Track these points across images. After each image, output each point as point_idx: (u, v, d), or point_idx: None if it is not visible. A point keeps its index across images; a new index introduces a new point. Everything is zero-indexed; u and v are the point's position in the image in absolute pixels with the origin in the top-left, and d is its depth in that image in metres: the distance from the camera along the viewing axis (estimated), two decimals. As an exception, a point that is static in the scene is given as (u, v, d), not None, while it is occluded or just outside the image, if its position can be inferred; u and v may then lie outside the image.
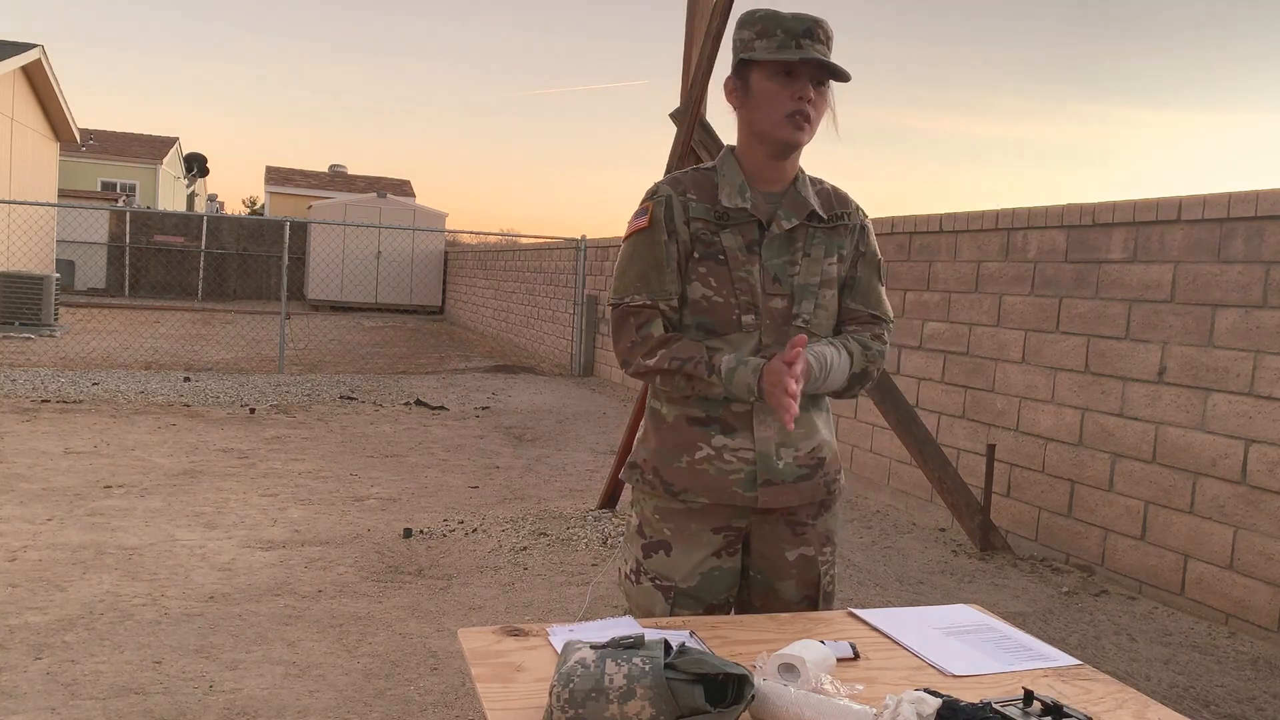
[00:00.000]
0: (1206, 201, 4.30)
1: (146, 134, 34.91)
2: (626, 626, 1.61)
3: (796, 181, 1.90)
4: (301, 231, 22.42)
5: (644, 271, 1.84)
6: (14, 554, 4.13)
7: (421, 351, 14.38)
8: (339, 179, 33.76)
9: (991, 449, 5.10)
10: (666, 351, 1.80)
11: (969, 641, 1.67)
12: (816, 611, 1.91)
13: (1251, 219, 4.10)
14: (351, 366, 11.76)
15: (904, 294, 6.32)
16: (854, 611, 1.80)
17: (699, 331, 1.84)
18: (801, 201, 1.88)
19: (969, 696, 1.32)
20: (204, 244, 23.87)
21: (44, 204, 13.66)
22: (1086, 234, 4.93)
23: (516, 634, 1.58)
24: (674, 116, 4.96)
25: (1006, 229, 5.47)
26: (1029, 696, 1.30)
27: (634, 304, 1.83)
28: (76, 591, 3.74)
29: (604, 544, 4.72)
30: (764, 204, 1.87)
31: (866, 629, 1.71)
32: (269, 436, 7.11)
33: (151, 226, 23.55)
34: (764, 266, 1.84)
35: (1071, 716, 1.27)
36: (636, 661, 1.21)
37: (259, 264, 24.20)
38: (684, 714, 1.18)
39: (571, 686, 1.20)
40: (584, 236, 12.52)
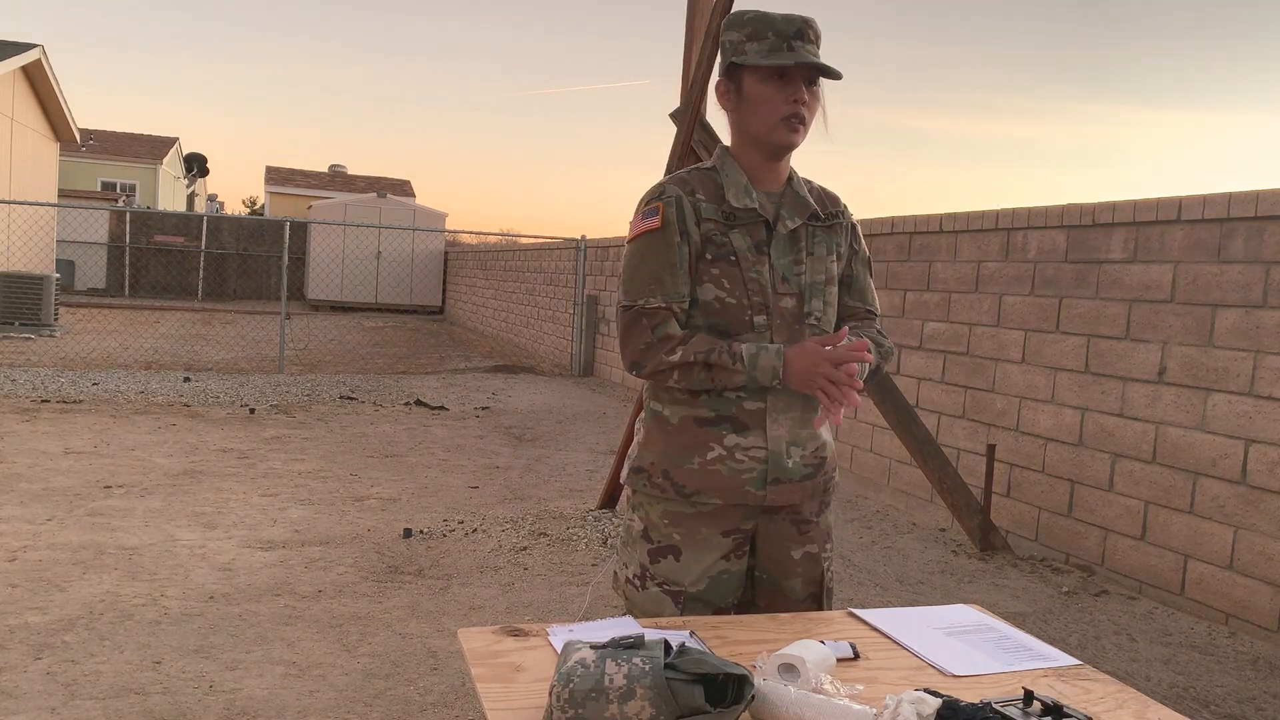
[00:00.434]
0: (1206, 201, 4.30)
1: (146, 134, 34.93)
2: (626, 626, 1.61)
3: (792, 181, 1.92)
4: (301, 231, 22.42)
5: (657, 273, 1.82)
6: (14, 554, 4.13)
7: (421, 351, 14.38)
8: (339, 179, 33.76)
9: (991, 449, 5.10)
10: (687, 348, 1.79)
11: (969, 641, 1.67)
12: (817, 611, 1.91)
13: (1251, 219, 4.10)
14: (351, 366, 11.76)
15: (904, 294, 6.32)
16: (854, 611, 1.80)
17: (712, 333, 1.84)
18: (801, 201, 1.90)
19: (969, 696, 1.32)
20: (204, 244, 23.87)
21: (44, 204, 13.67)
22: (1086, 234, 4.93)
23: (516, 634, 1.58)
24: (674, 116, 4.96)
25: (1006, 229, 5.47)
26: (1029, 696, 1.30)
27: (649, 306, 1.82)
28: (76, 591, 3.74)
29: (604, 544, 4.72)
30: (768, 204, 1.88)
31: (866, 629, 1.71)
32: (269, 436, 7.11)
33: (151, 226, 23.55)
34: (773, 266, 1.85)
35: (1071, 716, 1.27)
36: (636, 661, 1.21)
37: (259, 264, 24.20)
38: (684, 714, 1.18)
39: (571, 686, 1.20)
40: (584, 236, 12.52)
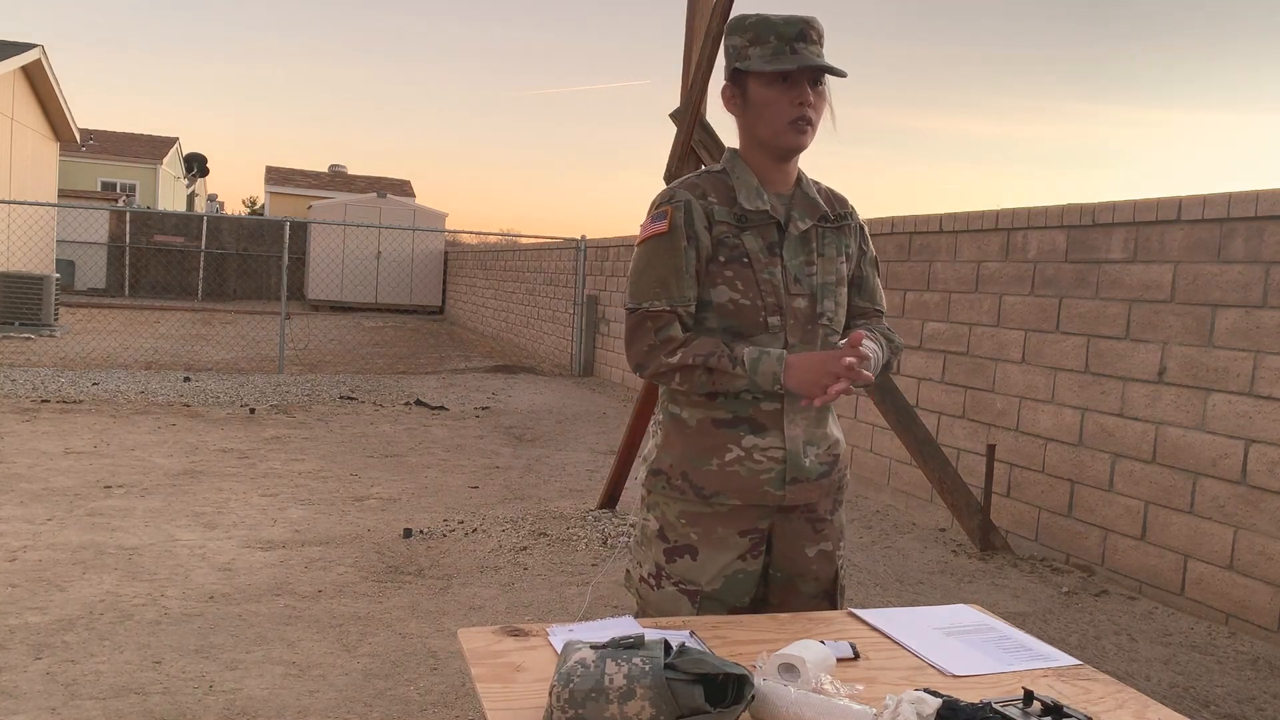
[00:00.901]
0: (1206, 201, 4.30)
1: (146, 134, 34.92)
2: (626, 626, 1.61)
3: (801, 183, 1.93)
4: (301, 231, 22.42)
5: (663, 277, 1.83)
6: (14, 554, 4.13)
7: (421, 351, 14.38)
8: (339, 179, 33.76)
9: (991, 449, 5.10)
10: (688, 349, 1.80)
11: (969, 641, 1.67)
12: (817, 611, 1.91)
13: (1251, 219, 4.10)
14: (351, 366, 11.76)
15: (904, 294, 6.32)
16: (854, 611, 1.80)
17: (725, 334, 1.85)
18: (811, 202, 1.92)
19: (969, 696, 1.32)
20: (204, 244, 23.87)
21: (44, 204, 13.67)
22: (1086, 234, 4.93)
23: (516, 634, 1.58)
24: (674, 116, 4.96)
25: (1006, 229, 5.47)
26: (1029, 696, 1.30)
27: (653, 309, 1.83)
28: (76, 591, 3.74)
29: (604, 544, 4.72)
30: (778, 205, 1.89)
31: (866, 629, 1.71)
32: (269, 436, 7.11)
33: (151, 226, 23.56)
34: (785, 267, 1.86)
35: (1071, 716, 1.27)
36: (636, 661, 1.21)
37: (259, 264, 24.20)
38: (684, 714, 1.18)
39: (571, 686, 1.20)
40: (584, 237, 12.52)
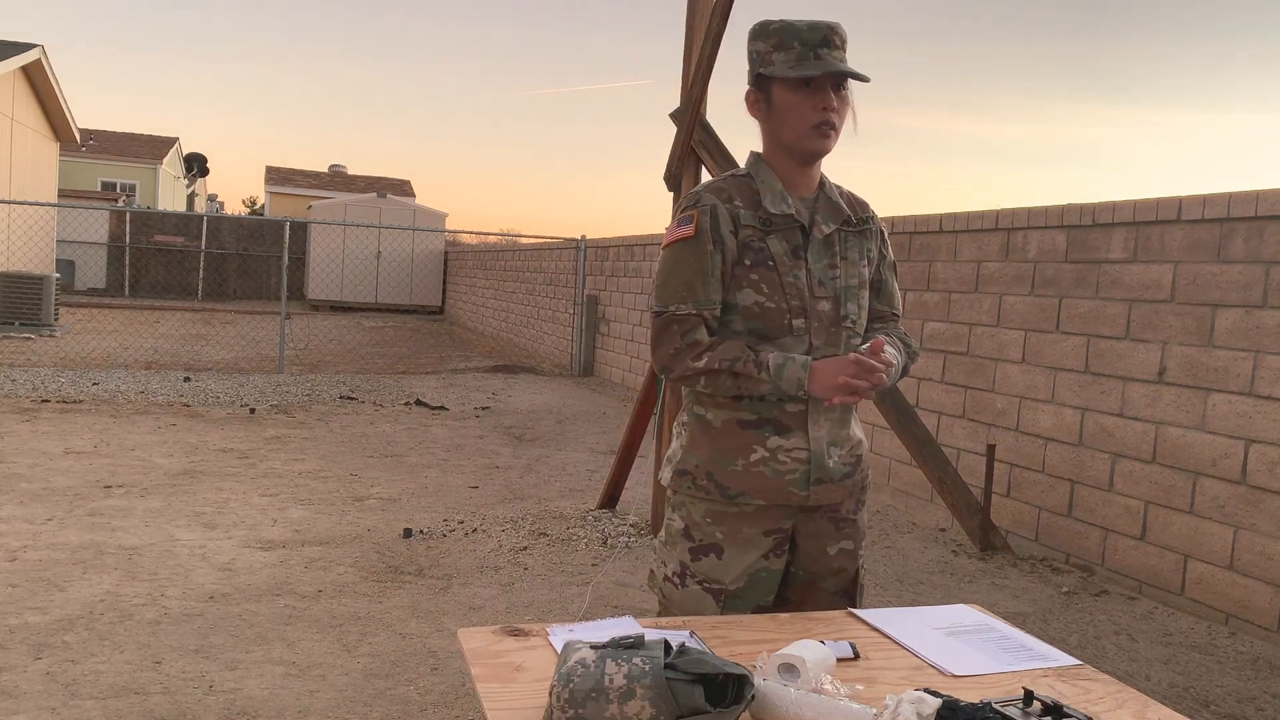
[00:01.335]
0: (1206, 201, 4.30)
1: (146, 134, 34.92)
2: (626, 626, 1.61)
3: (824, 186, 1.95)
4: (301, 231, 22.42)
5: (689, 281, 1.85)
6: (14, 554, 4.13)
7: (421, 351, 14.38)
8: (339, 179, 33.76)
9: (991, 449, 5.10)
10: (714, 354, 1.83)
11: (969, 641, 1.67)
12: (819, 611, 1.91)
13: (1251, 219, 4.10)
14: (351, 366, 11.76)
15: (904, 294, 6.32)
16: (854, 611, 1.80)
17: (751, 337, 1.87)
18: (835, 206, 1.94)
19: (969, 696, 1.32)
20: (204, 244, 23.87)
21: (44, 204, 13.67)
22: (1086, 234, 4.93)
23: (516, 634, 1.58)
24: (674, 116, 4.96)
25: (1006, 229, 5.47)
26: (1029, 696, 1.30)
27: (679, 313, 1.85)
28: (76, 591, 3.74)
29: (604, 544, 4.72)
30: (802, 209, 1.91)
31: (866, 629, 1.71)
32: (269, 436, 7.12)
33: (151, 226, 23.56)
34: (810, 270, 1.88)
35: (1071, 716, 1.27)
36: (636, 661, 1.21)
37: (259, 264, 24.20)
38: (684, 714, 1.18)
39: (571, 686, 1.20)
40: (584, 236, 12.52)
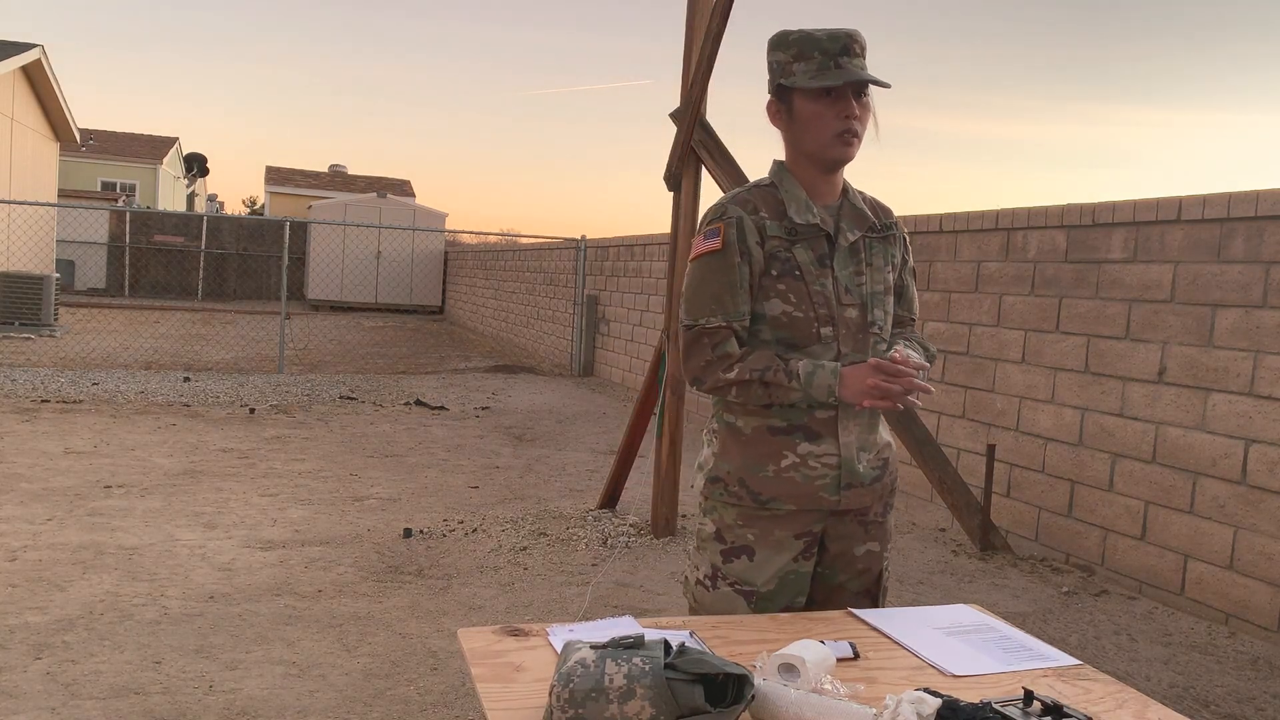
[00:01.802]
0: (1206, 201, 4.30)
1: (146, 134, 34.94)
2: (626, 626, 1.61)
3: (848, 194, 1.96)
4: (301, 231, 22.42)
5: (717, 293, 1.88)
6: (14, 554, 4.13)
7: (421, 351, 14.38)
8: (339, 179, 33.76)
9: (991, 449, 5.10)
10: (744, 364, 1.85)
11: (969, 641, 1.67)
12: (818, 611, 1.91)
13: (1251, 219, 4.10)
14: (351, 366, 11.76)
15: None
16: (854, 611, 1.80)
17: (779, 346, 1.89)
18: (859, 213, 1.95)
19: (969, 696, 1.32)
20: (204, 244, 23.87)
21: (44, 204, 13.67)
22: (1086, 234, 4.93)
23: (516, 634, 1.58)
24: (674, 116, 4.96)
25: (1006, 229, 5.47)
26: (1029, 696, 1.30)
27: (709, 326, 1.88)
28: (76, 591, 3.74)
29: (604, 544, 4.72)
30: (828, 217, 1.92)
31: (866, 629, 1.71)
32: (269, 436, 7.12)
33: (151, 226, 23.56)
34: (836, 278, 1.89)
35: (1071, 716, 1.27)
36: (636, 661, 1.21)
37: (259, 264, 24.20)
38: (684, 714, 1.18)
39: (571, 686, 1.20)
40: (584, 236, 12.52)
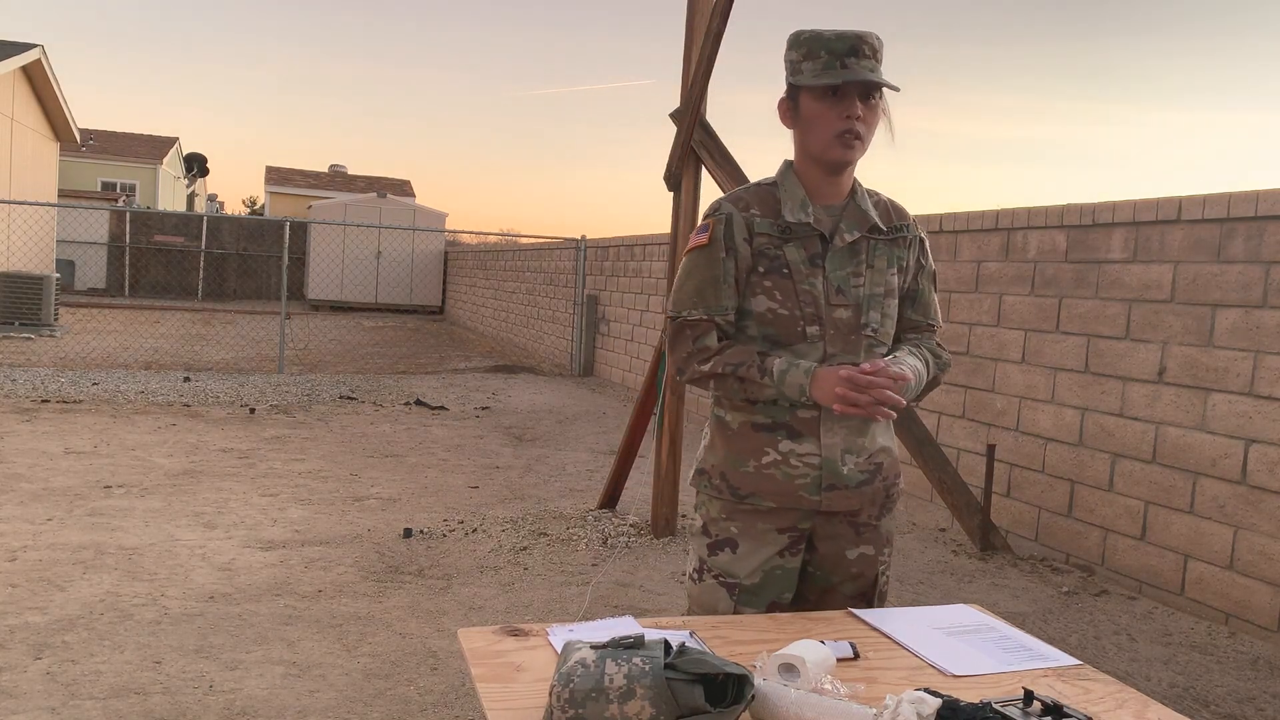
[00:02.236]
0: (1206, 201, 4.30)
1: (146, 134, 34.92)
2: (626, 626, 1.61)
3: (855, 194, 1.96)
4: (301, 231, 22.42)
5: (701, 287, 1.91)
6: (14, 554, 4.13)
7: (421, 351, 14.38)
8: (339, 179, 33.76)
9: (991, 449, 5.10)
10: (720, 358, 1.87)
11: (969, 641, 1.67)
12: (817, 611, 1.91)
13: (1251, 219, 4.10)
14: (351, 366, 11.76)
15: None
16: (854, 611, 1.80)
17: (765, 343, 1.90)
18: (862, 214, 1.94)
19: (969, 696, 1.32)
20: (204, 244, 23.87)
21: (44, 204, 13.67)
22: (1086, 234, 4.93)
23: (516, 634, 1.58)
24: (674, 116, 4.96)
25: (1006, 229, 5.47)
26: (1029, 696, 1.30)
27: (691, 318, 1.91)
28: (76, 591, 3.74)
29: (604, 544, 4.72)
30: (826, 218, 1.92)
31: (866, 629, 1.71)
32: (269, 436, 7.11)
33: (151, 226, 23.55)
34: (827, 278, 1.89)
35: (1071, 716, 1.27)
36: (636, 661, 1.21)
37: (259, 264, 24.20)
38: (684, 714, 1.18)
39: (571, 686, 1.20)
40: (584, 236, 12.52)
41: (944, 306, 5.94)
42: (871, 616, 1.76)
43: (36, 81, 17.52)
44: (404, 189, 33.74)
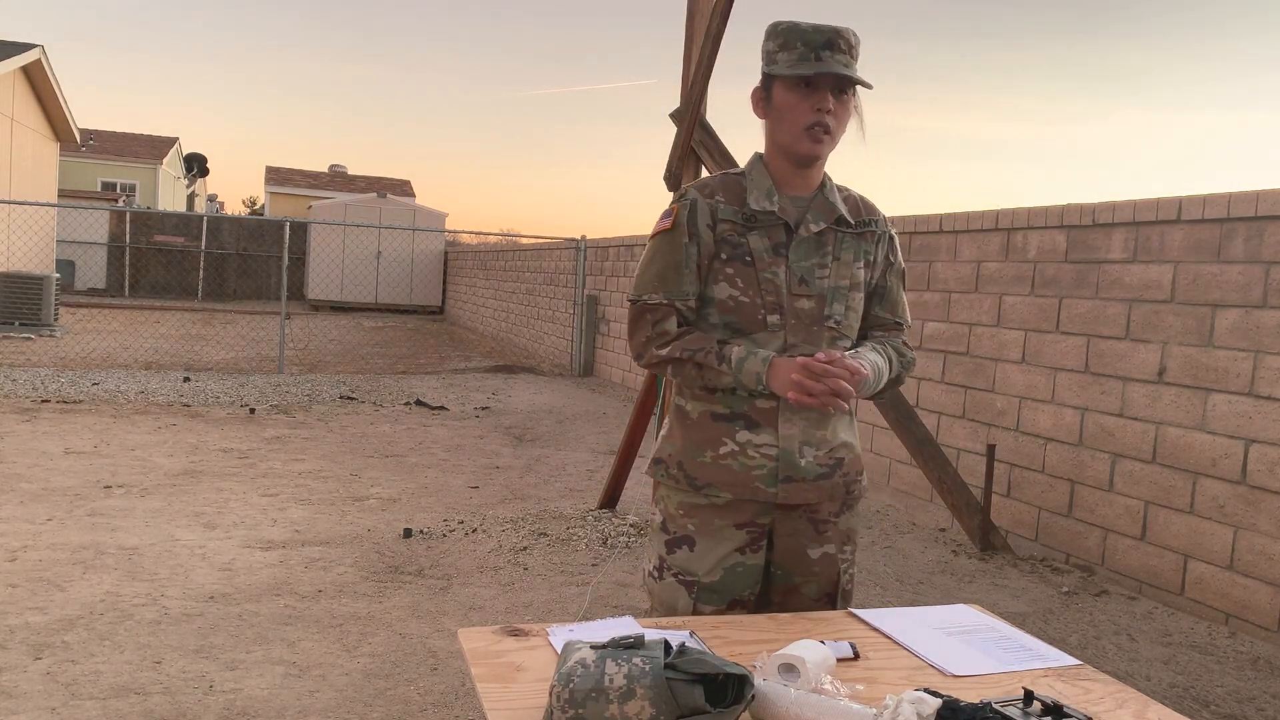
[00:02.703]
0: (1206, 201, 4.30)
1: (146, 134, 34.93)
2: (626, 626, 1.61)
3: (824, 187, 1.95)
4: (301, 231, 22.42)
5: (663, 272, 1.90)
6: (14, 554, 4.13)
7: (421, 351, 14.38)
8: (339, 179, 33.75)
9: (991, 449, 5.10)
10: (679, 343, 1.87)
11: (969, 641, 1.67)
12: (817, 611, 1.91)
13: (1251, 219, 4.10)
14: (351, 366, 11.76)
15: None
16: (854, 611, 1.80)
17: (726, 330, 1.89)
18: (829, 206, 1.93)
19: (969, 696, 1.32)
20: (204, 244, 23.87)
21: (44, 204, 13.67)
22: (1086, 234, 4.93)
23: (516, 634, 1.58)
24: (674, 116, 4.96)
25: (1006, 229, 5.47)
26: (1029, 696, 1.30)
27: (650, 302, 1.91)
28: (76, 591, 3.74)
29: (604, 544, 4.72)
30: (792, 208, 1.91)
31: (866, 629, 1.71)
32: (269, 436, 7.11)
33: (151, 226, 23.56)
34: (790, 268, 1.88)
35: (1071, 716, 1.27)
36: (636, 661, 1.21)
37: (259, 264, 24.20)
38: (684, 714, 1.18)
39: (571, 686, 1.20)
40: (584, 236, 12.52)
41: (944, 306, 5.94)
42: (871, 616, 1.76)
43: (36, 81, 17.52)
44: (404, 189, 33.73)
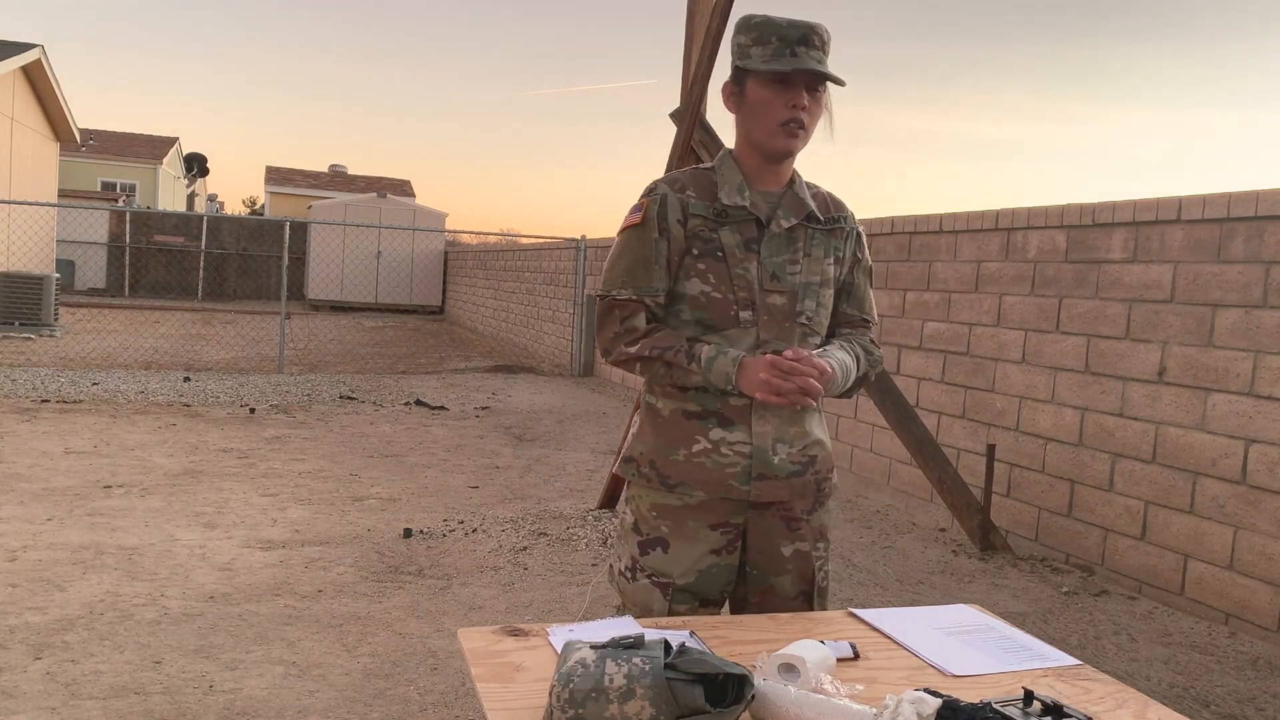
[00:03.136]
0: (1206, 201, 4.30)
1: (146, 134, 34.93)
2: (626, 626, 1.61)
3: (794, 183, 1.94)
4: (301, 231, 22.42)
5: (632, 267, 1.88)
6: (14, 554, 4.13)
7: (421, 351, 14.38)
8: (339, 179, 33.76)
9: (991, 449, 5.10)
10: (648, 340, 1.85)
11: (969, 641, 1.67)
12: (816, 611, 1.91)
13: (1251, 219, 4.10)
14: (351, 366, 11.76)
15: (904, 294, 6.32)
16: (854, 611, 1.80)
17: (698, 327, 1.87)
18: (800, 202, 1.92)
19: (969, 696, 1.32)
20: (204, 244, 23.87)
21: (44, 204, 13.66)
22: (1086, 234, 4.93)
23: (516, 634, 1.58)
24: (674, 116, 4.96)
25: (1006, 229, 5.47)
26: (1029, 696, 1.30)
27: (619, 298, 1.89)
28: (76, 591, 3.74)
29: (604, 544, 4.72)
30: (763, 203, 1.90)
31: (866, 629, 1.71)
32: (269, 436, 7.11)
33: (151, 226, 23.56)
34: (762, 264, 1.87)
35: (1071, 716, 1.27)
36: (636, 661, 1.21)
37: (259, 264, 24.20)
38: (684, 714, 1.18)
39: (571, 686, 1.20)
40: (584, 236, 12.52)
41: (944, 306, 5.94)
42: (871, 616, 1.76)
43: (36, 81, 17.52)
44: (404, 189, 33.73)
